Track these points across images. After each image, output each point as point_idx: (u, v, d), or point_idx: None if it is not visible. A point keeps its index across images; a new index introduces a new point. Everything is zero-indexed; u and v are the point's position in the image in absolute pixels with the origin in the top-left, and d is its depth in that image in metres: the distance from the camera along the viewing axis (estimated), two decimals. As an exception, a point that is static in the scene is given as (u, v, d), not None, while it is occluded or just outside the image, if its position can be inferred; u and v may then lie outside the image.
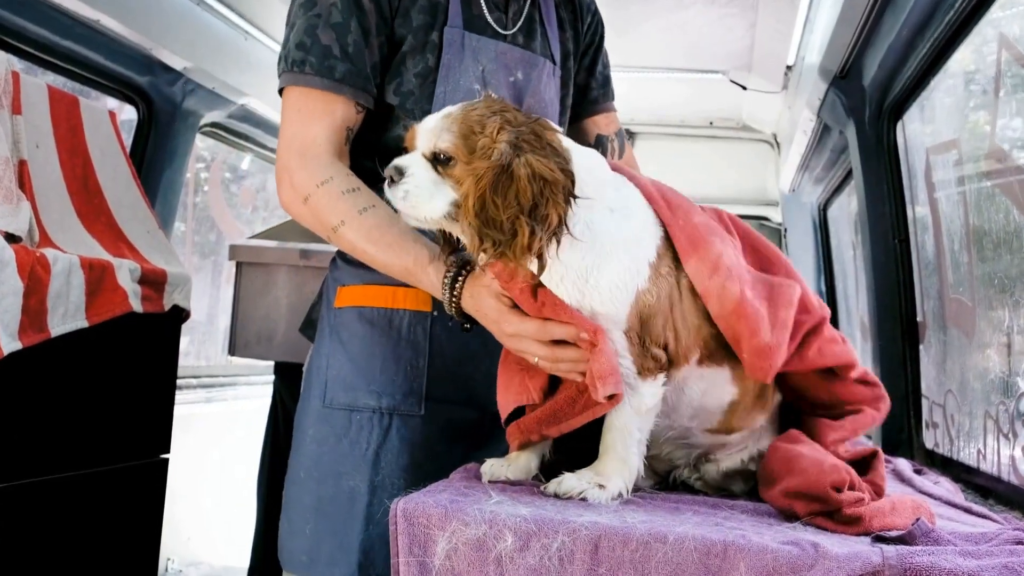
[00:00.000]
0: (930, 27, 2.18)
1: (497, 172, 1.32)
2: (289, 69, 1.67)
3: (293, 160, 1.65)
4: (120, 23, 2.82)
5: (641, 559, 1.18)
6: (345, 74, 1.66)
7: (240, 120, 3.77)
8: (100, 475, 2.31)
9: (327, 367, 1.79)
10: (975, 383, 2.18)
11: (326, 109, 1.66)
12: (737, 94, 4.03)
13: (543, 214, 1.31)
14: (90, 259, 2.16)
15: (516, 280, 1.42)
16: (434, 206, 1.39)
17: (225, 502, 4.00)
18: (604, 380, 1.35)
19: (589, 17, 2.02)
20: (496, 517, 1.23)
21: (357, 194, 1.62)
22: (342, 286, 1.83)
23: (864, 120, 2.75)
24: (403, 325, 1.77)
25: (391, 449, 1.73)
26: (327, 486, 1.74)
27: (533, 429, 1.49)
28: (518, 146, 1.33)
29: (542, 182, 1.31)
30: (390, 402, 1.74)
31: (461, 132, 1.37)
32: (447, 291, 1.51)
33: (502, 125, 1.35)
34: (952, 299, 2.33)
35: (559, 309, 1.39)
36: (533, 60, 1.83)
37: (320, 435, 1.76)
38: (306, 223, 1.67)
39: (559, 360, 1.42)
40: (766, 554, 1.15)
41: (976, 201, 2.13)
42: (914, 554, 1.13)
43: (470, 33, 1.75)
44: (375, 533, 1.69)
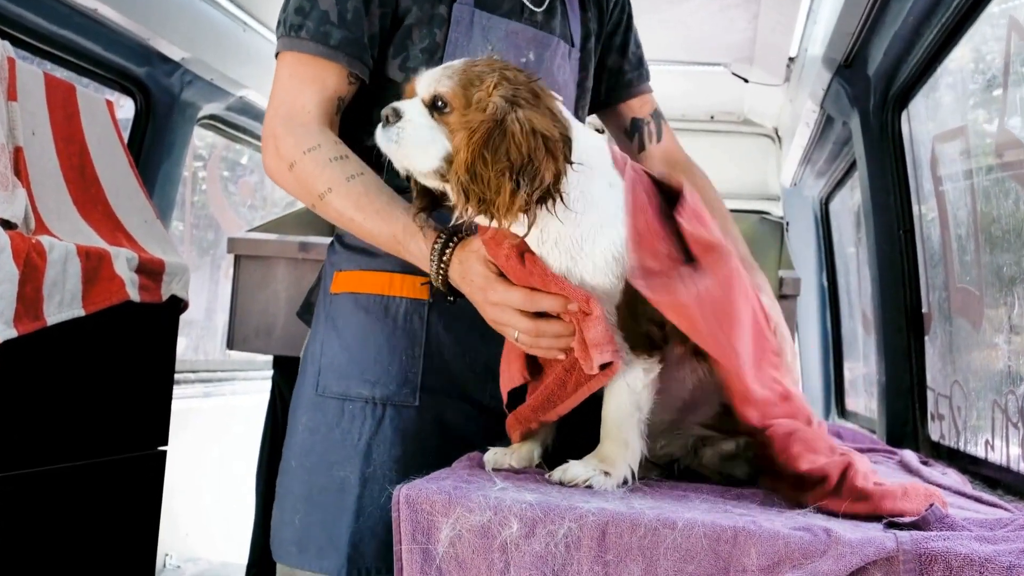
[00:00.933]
0: (937, 14, 2.16)
1: (490, 126, 1.29)
2: (286, 33, 1.65)
3: (280, 126, 1.62)
4: (118, 12, 2.81)
5: (650, 545, 1.16)
6: (341, 41, 1.63)
7: (239, 112, 3.74)
8: (97, 467, 2.28)
9: (321, 354, 1.75)
10: (983, 373, 2.16)
11: (317, 76, 1.64)
12: (738, 87, 4.00)
13: (535, 171, 1.28)
14: (87, 247, 2.14)
15: (503, 246, 1.38)
16: (427, 157, 1.36)
17: (224, 498, 3.98)
18: (600, 348, 1.32)
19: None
20: (501, 503, 1.20)
21: (345, 161, 1.59)
22: (338, 271, 1.79)
23: (868, 110, 2.72)
24: (399, 313, 1.72)
25: (383, 440, 1.69)
26: (318, 476, 1.70)
27: (530, 417, 1.46)
28: (514, 102, 1.31)
29: (538, 138, 1.28)
30: (384, 392, 1.70)
31: (461, 82, 1.35)
32: (436, 259, 1.47)
33: (499, 80, 1.33)
34: (959, 289, 2.30)
35: (548, 279, 1.36)
36: (546, 40, 1.78)
37: (312, 423, 1.73)
38: (291, 190, 1.64)
39: (541, 335, 1.39)
40: (777, 540, 1.12)
41: (984, 189, 2.11)
42: (929, 539, 1.10)
43: (480, 11, 1.71)
44: (365, 525, 1.66)
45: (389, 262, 1.72)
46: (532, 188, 1.28)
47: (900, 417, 2.63)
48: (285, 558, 1.73)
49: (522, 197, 1.28)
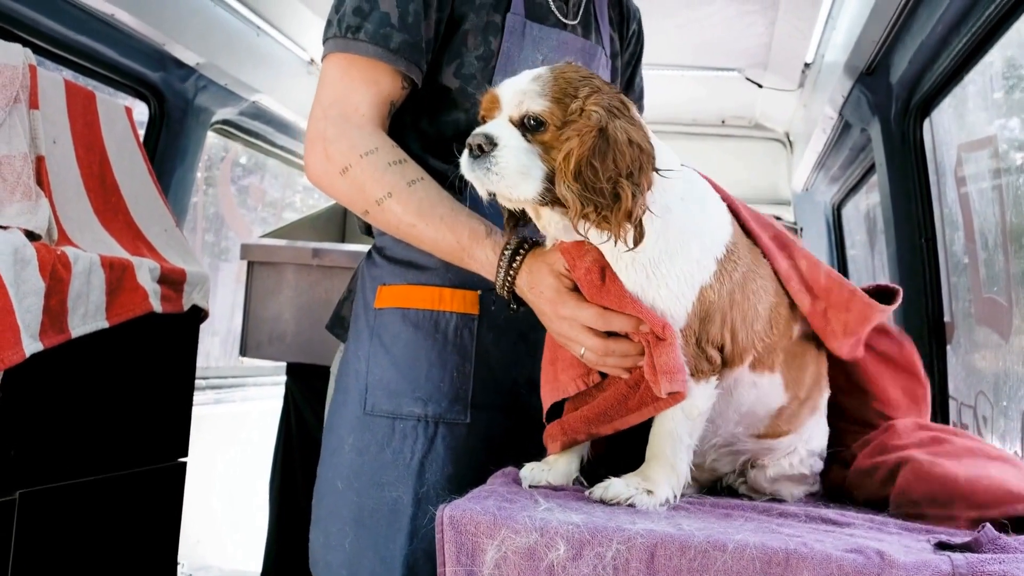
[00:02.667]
0: (967, 22, 2.15)
1: (596, 135, 1.25)
2: (342, 35, 1.58)
3: (331, 128, 1.55)
4: (134, 17, 2.79)
5: (700, 568, 1.14)
6: (401, 45, 1.57)
7: (252, 117, 3.73)
8: (119, 479, 2.27)
9: (367, 372, 1.70)
10: (1011, 383, 2.14)
11: (372, 79, 1.58)
12: (751, 92, 4.00)
13: (638, 180, 1.25)
14: (110, 258, 2.11)
15: (584, 259, 1.35)
16: (531, 183, 1.29)
17: (235, 505, 3.96)
18: (671, 376, 1.30)
19: (635, 24, 1.97)
20: (547, 525, 1.19)
21: (405, 165, 1.54)
22: (383, 285, 1.74)
23: (890, 118, 2.71)
24: (449, 328, 1.68)
25: (436, 459, 1.65)
26: (368, 497, 1.65)
27: (580, 429, 1.43)
28: (611, 111, 1.27)
29: (636, 148, 1.26)
30: (436, 410, 1.66)
31: (554, 95, 1.29)
32: (504, 266, 1.44)
33: (594, 90, 1.29)
34: (985, 299, 2.29)
35: (624, 299, 1.33)
36: (592, 50, 1.78)
37: (361, 444, 1.67)
38: (340, 196, 1.58)
39: (609, 353, 1.36)
40: (830, 563, 1.11)
41: (1014, 198, 2.09)
42: (984, 563, 1.09)
43: (531, 22, 1.69)
44: (420, 547, 1.61)
45: (438, 276, 1.69)
46: (641, 197, 1.25)
47: (922, 426, 2.61)
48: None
49: (638, 205, 1.25)
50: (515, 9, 1.67)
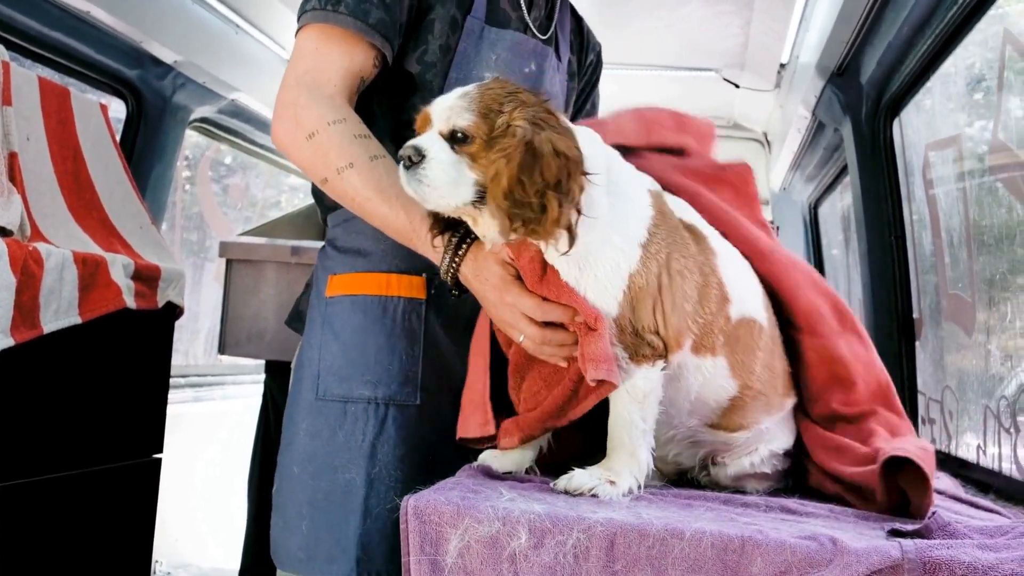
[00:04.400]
0: (931, 24, 2.19)
1: (523, 150, 1.30)
2: (322, 7, 1.61)
3: (303, 95, 1.58)
4: (110, 15, 2.79)
5: (658, 555, 1.17)
6: (378, 21, 1.62)
7: (231, 116, 3.73)
8: (93, 475, 2.27)
9: (319, 359, 1.75)
10: (975, 378, 2.18)
11: (347, 52, 1.62)
12: (729, 92, 4.03)
13: (567, 188, 1.29)
14: (83, 254, 2.12)
15: (526, 251, 1.40)
16: (459, 192, 1.34)
17: (214, 503, 3.96)
18: (597, 364, 1.34)
19: (592, 55, 2.03)
20: (510, 514, 1.21)
21: (369, 140, 1.57)
22: (333, 275, 1.79)
23: (861, 117, 2.75)
24: (397, 312, 1.73)
25: (387, 440, 1.69)
26: (322, 480, 1.70)
27: (535, 426, 1.48)
28: (536, 124, 1.32)
29: (563, 158, 1.30)
30: (386, 392, 1.71)
31: (480, 111, 1.34)
32: (450, 252, 1.47)
33: (519, 104, 1.34)
34: (951, 295, 2.33)
35: (563, 291, 1.38)
36: (545, 51, 1.83)
37: (314, 428, 1.73)
38: (303, 161, 1.60)
39: (546, 342, 1.41)
40: (784, 549, 1.14)
41: (977, 197, 2.13)
42: (933, 548, 1.12)
43: (490, 26, 1.74)
44: (373, 527, 1.66)
45: (385, 262, 1.74)
46: (569, 204, 1.29)
47: (891, 421, 2.65)
48: (292, 566, 1.72)
49: (566, 214, 1.29)
50: (475, 13, 1.73)
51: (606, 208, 1.39)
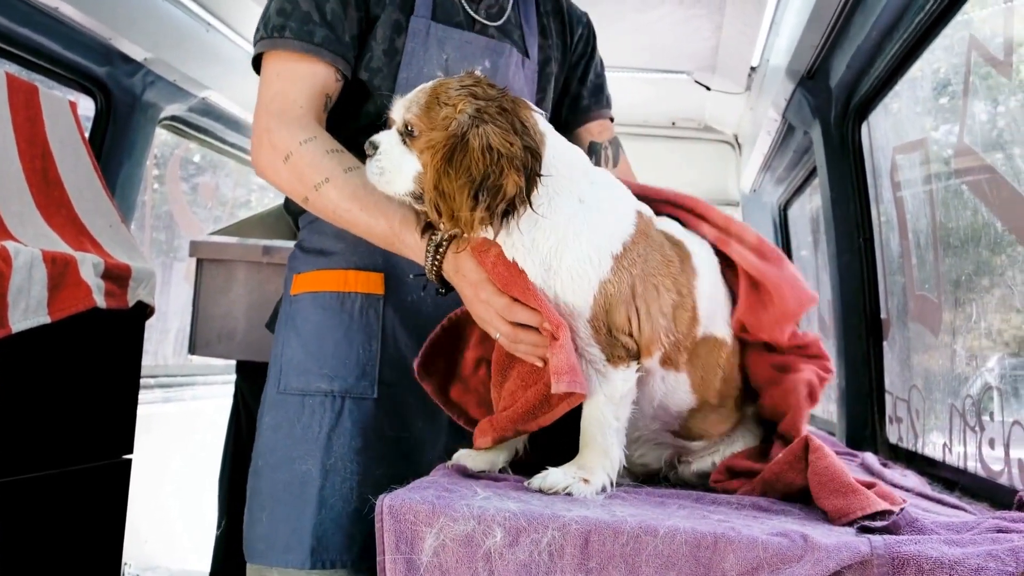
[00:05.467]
0: (899, 29, 2.22)
1: (452, 142, 1.34)
2: (269, 35, 1.69)
3: (272, 120, 1.64)
4: (79, 11, 2.75)
5: (631, 553, 1.18)
6: (324, 39, 1.68)
7: (201, 114, 3.69)
8: (61, 476, 2.24)
9: (282, 354, 1.80)
10: (941, 378, 2.22)
11: (306, 73, 1.68)
12: (700, 95, 4.06)
13: (495, 184, 1.32)
14: (52, 253, 2.10)
15: (489, 253, 1.42)
16: (402, 181, 1.42)
17: (184, 504, 3.92)
18: (559, 376, 1.35)
19: (580, 28, 2.05)
20: (485, 513, 1.22)
21: (342, 154, 1.62)
22: (297, 274, 1.84)
23: (830, 120, 2.78)
24: (355, 308, 1.77)
25: (343, 432, 1.73)
26: (281, 472, 1.73)
27: (508, 427, 1.49)
28: (478, 118, 1.35)
29: (495, 153, 1.32)
30: (342, 385, 1.75)
31: (426, 104, 1.40)
32: (431, 251, 1.50)
33: (466, 97, 1.37)
34: (917, 296, 2.37)
35: (528, 293, 1.39)
36: (500, 48, 1.85)
37: (275, 421, 1.77)
38: (283, 184, 1.66)
39: (519, 341, 1.43)
40: (756, 545, 1.15)
41: (943, 199, 2.17)
42: (901, 543, 1.14)
43: (436, 23, 1.78)
44: (328, 517, 1.69)
45: (344, 260, 1.79)
46: (494, 201, 1.32)
47: (860, 420, 2.69)
48: (255, 557, 1.74)
49: (480, 211, 1.32)
50: (419, 12, 1.77)
51: (576, 216, 1.42)
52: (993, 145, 1.90)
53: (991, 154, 1.90)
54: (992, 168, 1.88)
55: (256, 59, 1.74)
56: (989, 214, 1.90)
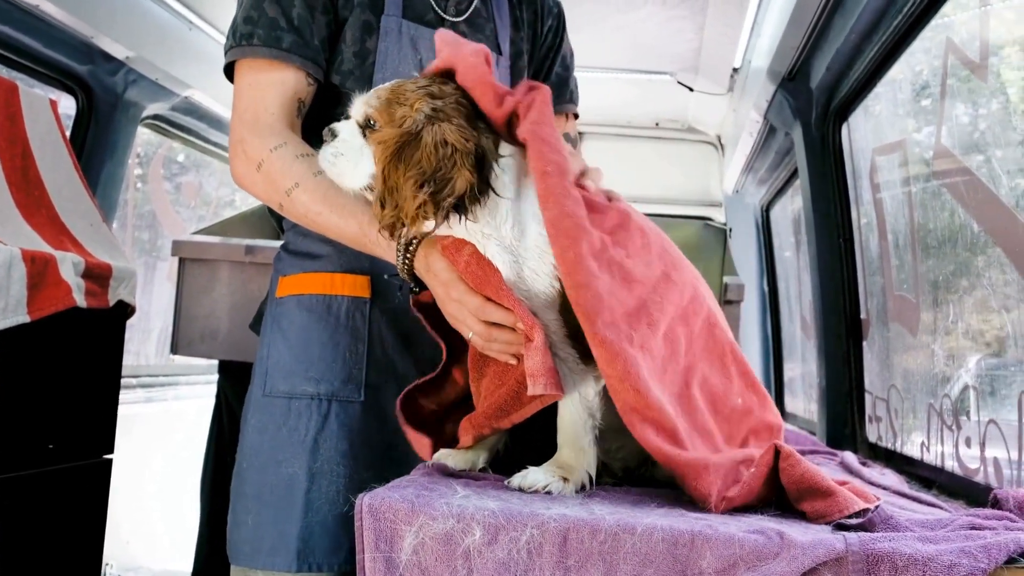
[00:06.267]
0: (878, 31, 2.24)
1: (403, 139, 1.35)
2: (238, 44, 1.69)
3: (245, 130, 1.66)
4: (60, 8, 2.73)
5: (610, 550, 1.19)
6: (292, 44, 1.69)
7: (183, 113, 3.68)
8: (41, 476, 2.23)
9: (267, 356, 1.80)
10: (919, 377, 2.24)
11: (276, 79, 1.69)
12: (683, 96, 4.08)
13: (446, 178, 1.33)
14: (32, 252, 2.09)
15: (462, 252, 1.42)
16: (357, 174, 1.43)
17: (166, 504, 3.91)
18: (535, 379, 1.35)
19: (551, 19, 2.03)
20: (464, 511, 1.22)
21: (311, 159, 1.62)
22: (283, 276, 1.84)
23: (810, 122, 2.80)
24: (341, 311, 1.77)
25: (330, 436, 1.73)
26: (267, 474, 1.73)
27: (484, 423, 1.50)
28: (434, 117, 1.36)
29: (448, 148, 1.33)
30: (328, 388, 1.75)
31: (387, 100, 1.40)
32: (401, 250, 1.50)
33: (423, 97, 1.38)
34: (896, 296, 2.39)
35: (501, 292, 1.39)
36: None
37: (260, 424, 1.76)
38: (258, 192, 1.67)
39: (492, 340, 1.43)
40: (732, 543, 1.16)
41: (921, 200, 2.19)
42: (875, 540, 1.15)
43: (408, 21, 1.78)
44: (315, 520, 1.69)
45: (331, 263, 1.79)
46: (441, 196, 1.32)
47: (839, 419, 2.71)
48: (240, 559, 1.74)
49: (424, 200, 1.33)
50: (389, 11, 1.77)
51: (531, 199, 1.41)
52: (970, 147, 1.92)
53: (968, 156, 1.92)
54: (969, 170, 1.90)
55: (228, 68, 1.75)
56: (966, 215, 1.93)
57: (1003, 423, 1.77)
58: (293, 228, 1.87)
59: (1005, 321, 1.80)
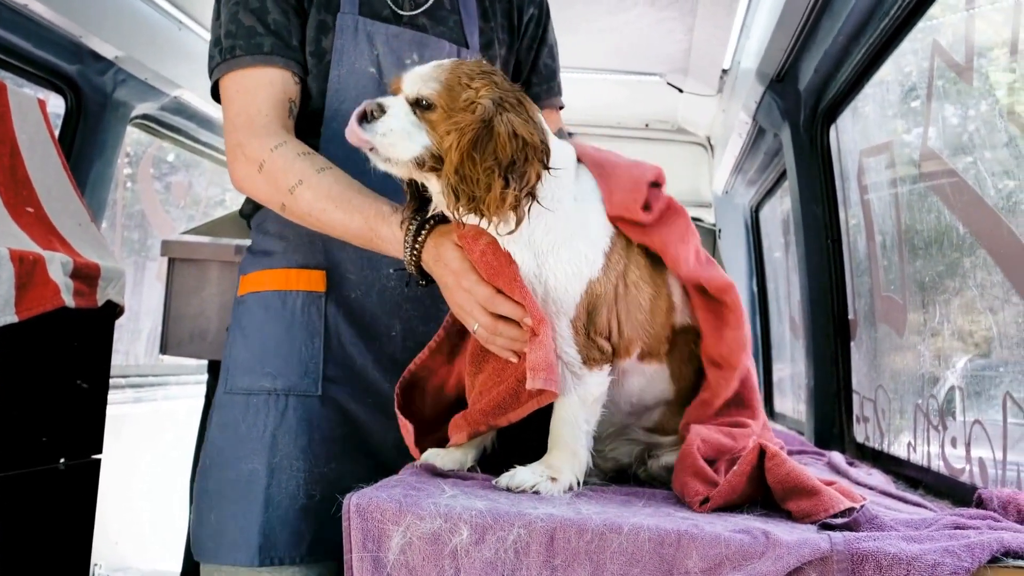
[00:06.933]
0: (865, 33, 2.25)
1: (479, 127, 1.33)
2: (223, 59, 1.71)
3: (243, 134, 1.66)
4: (49, 8, 2.73)
5: (596, 550, 1.19)
6: (273, 47, 1.70)
7: (173, 112, 3.67)
8: (29, 476, 2.23)
9: (229, 355, 1.81)
10: (906, 378, 2.25)
11: (264, 81, 1.70)
12: (673, 97, 4.09)
13: (521, 171, 1.33)
14: (20, 252, 2.08)
15: (479, 242, 1.42)
16: (409, 147, 1.39)
17: (156, 504, 3.90)
18: (535, 373, 1.36)
19: (532, 8, 2.02)
20: (451, 511, 1.23)
21: (313, 156, 1.63)
22: (243, 275, 1.86)
23: (799, 123, 2.82)
24: (297, 306, 1.78)
25: (288, 430, 1.74)
26: (228, 471, 1.74)
27: (480, 420, 1.50)
28: (501, 105, 1.35)
29: (521, 141, 1.33)
30: (285, 383, 1.75)
31: (448, 83, 1.38)
32: (410, 242, 1.50)
33: (488, 83, 1.37)
34: (883, 297, 2.40)
35: (514, 285, 1.39)
36: (426, 41, 1.84)
37: (222, 421, 1.78)
38: (260, 194, 1.67)
39: (498, 334, 1.43)
40: (718, 542, 1.17)
41: (908, 202, 2.20)
42: (860, 540, 1.16)
43: (364, 18, 1.79)
44: (275, 515, 1.70)
45: (285, 259, 1.80)
46: (520, 185, 1.32)
47: (827, 419, 2.72)
48: (204, 556, 1.75)
49: (512, 194, 1.32)
50: (345, 8, 1.78)
51: (573, 214, 1.43)
52: (956, 149, 1.93)
53: (954, 158, 1.93)
54: (955, 172, 1.91)
55: (214, 86, 1.76)
56: (952, 217, 1.94)
57: (988, 423, 1.78)
58: (256, 228, 1.88)
59: (991, 322, 1.81)
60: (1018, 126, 1.68)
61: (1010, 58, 1.73)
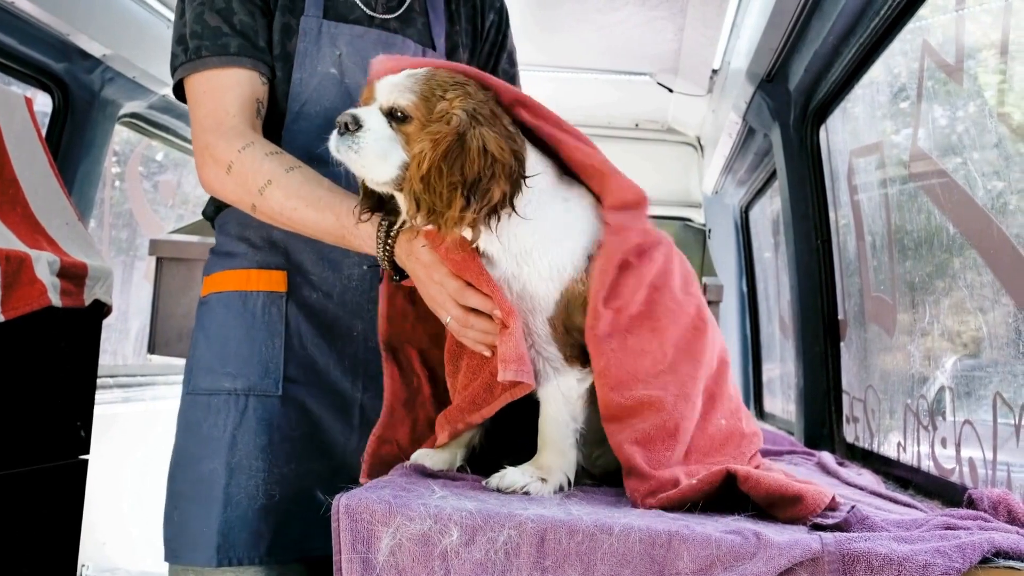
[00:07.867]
0: (855, 34, 2.26)
1: (452, 140, 1.32)
2: (188, 58, 1.69)
3: (211, 136, 1.65)
4: (36, 5, 2.70)
5: (587, 551, 1.19)
6: (240, 47, 1.70)
7: (161, 111, 3.65)
8: (15, 477, 2.21)
9: (192, 356, 1.82)
10: (896, 378, 2.26)
11: (231, 82, 1.69)
12: (663, 96, 4.09)
13: (484, 188, 1.32)
14: (6, 251, 2.07)
15: (443, 238, 1.40)
16: (386, 167, 1.37)
17: (144, 505, 3.87)
18: (506, 364, 1.36)
19: (492, 14, 2.02)
20: (441, 512, 1.22)
21: (281, 155, 1.62)
22: (206, 276, 1.86)
23: (789, 123, 2.82)
24: (257, 306, 1.78)
25: (248, 430, 1.74)
26: (189, 471, 1.75)
27: (458, 418, 1.49)
28: (474, 117, 1.34)
29: (490, 158, 1.32)
30: (245, 383, 1.76)
31: (423, 93, 1.36)
32: (382, 237, 1.49)
33: (463, 94, 1.36)
34: (873, 297, 2.41)
35: (481, 278, 1.39)
36: (392, 40, 1.84)
37: (184, 423, 1.79)
38: (229, 195, 1.66)
39: (469, 327, 1.43)
40: (709, 543, 1.17)
41: (898, 202, 2.21)
42: (851, 540, 1.16)
43: (328, 20, 1.78)
44: (234, 515, 1.70)
45: (246, 259, 1.80)
46: (480, 204, 1.31)
47: (817, 420, 2.73)
48: (168, 556, 1.76)
49: (470, 215, 1.31)
50: (308, 11, 1.77)
51: (562, 215, 1.43)
52: (946, 150, 1.94)
53: (944, 159, 1.93)
54: (945, 172, 1.91)
55: (178, 86, 1.75)
56: (942, 217, 1.94)
57: (978, 424, 1.78)
58: (219, 229, 1.88)
59: (981, 322, 1.81)
60: (1007, 126, 1.68)
61: (999, 59, 1.73)
